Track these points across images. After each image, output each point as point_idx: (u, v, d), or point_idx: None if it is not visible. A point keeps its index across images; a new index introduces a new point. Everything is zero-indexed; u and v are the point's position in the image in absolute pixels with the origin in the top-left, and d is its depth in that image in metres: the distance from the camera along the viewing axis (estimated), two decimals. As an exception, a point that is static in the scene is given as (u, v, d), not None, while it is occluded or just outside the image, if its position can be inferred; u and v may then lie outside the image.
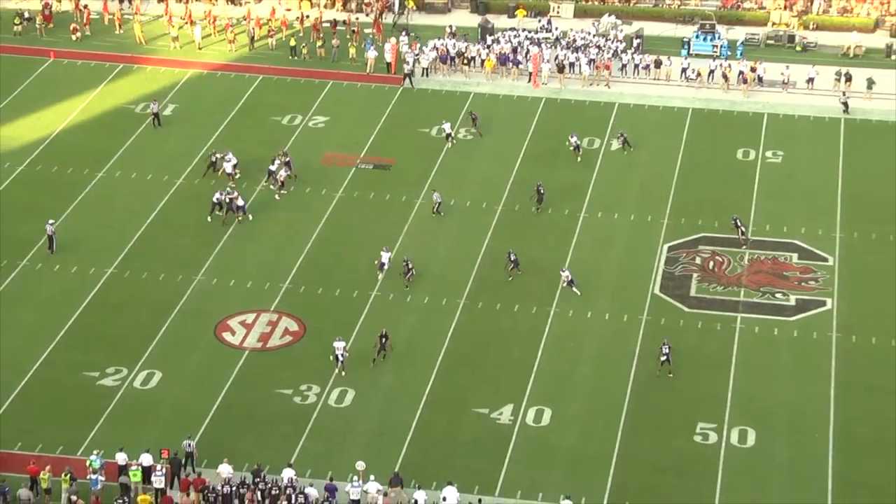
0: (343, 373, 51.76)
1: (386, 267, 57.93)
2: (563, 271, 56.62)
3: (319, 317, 55.28)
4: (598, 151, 68.26)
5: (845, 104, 71.98)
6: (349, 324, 54.59)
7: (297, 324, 55.12)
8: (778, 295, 57.01)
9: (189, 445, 46.70)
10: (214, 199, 61.69)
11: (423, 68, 76.62)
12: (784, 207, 63.52)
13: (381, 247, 58.74)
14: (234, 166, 64.70)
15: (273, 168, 64.81)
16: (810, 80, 74.79)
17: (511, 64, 76.76)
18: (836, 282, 57.76)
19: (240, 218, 61.58)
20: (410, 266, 57.31)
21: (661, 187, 65.14)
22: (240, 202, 61.76)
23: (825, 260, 59.36)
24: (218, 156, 65.40)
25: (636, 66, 76.97)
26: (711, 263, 59.15)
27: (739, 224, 60.84)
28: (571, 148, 67.01)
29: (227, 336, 54.37)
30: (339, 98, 74.46)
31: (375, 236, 60.65)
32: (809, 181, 65.98)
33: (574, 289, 56.10)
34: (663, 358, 51.88)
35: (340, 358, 51.88)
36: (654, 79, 76.32)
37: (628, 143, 67.99)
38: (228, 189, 62.84)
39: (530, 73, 76.13)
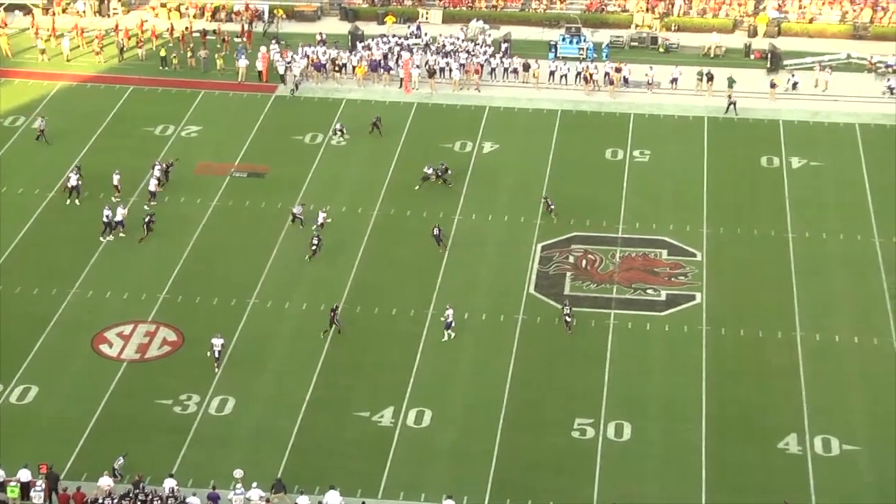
0: (217, 369, 52.16)
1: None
2: (448, 309, 55.19)
3: (198, 326, 55.04)
4: (469, 155, 69.06)
5: (734, 104, 73.21)
6: (228, 331, 54.40)
7: (175, 333, 54.88)
8: (649, 291, 58.18)
9: (118, 461, 46.67)
10: (105, 219, 61.03)
11: (295, 76, 76.80)
12: (653, 205, 64.70)
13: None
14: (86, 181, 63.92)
15: (157, 174, 64.53)
16: (674, 81, 76.42)
17: (382, 70, 77.26)
18: (704, 276, 59.03)
19: (122, 234, 61.16)
20: (317, 242, 59.15)
21: (532, 188, 65.93)
22: (119, 217, 61.21)
23: (693, 255, 60.66)
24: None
25: (505, 69, 77.99)
26: (584, 262, 60.19)
27: (550, 203, 62.86)
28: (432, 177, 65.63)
29: (104, 348, 53.96)
30: (212, 107, 74.17)
31: (252, 244, 60.77)
32: (676, 179, 67.27)
33: (448, 331, 54.72)
34: (566, 319, 54.07)
35: (217, 355, 52.21)
36: (523, 82, 77.40)
37: (446, 178, 65.78)
38: (115, 201, 62.40)
39: (401, 79, 76.70)
